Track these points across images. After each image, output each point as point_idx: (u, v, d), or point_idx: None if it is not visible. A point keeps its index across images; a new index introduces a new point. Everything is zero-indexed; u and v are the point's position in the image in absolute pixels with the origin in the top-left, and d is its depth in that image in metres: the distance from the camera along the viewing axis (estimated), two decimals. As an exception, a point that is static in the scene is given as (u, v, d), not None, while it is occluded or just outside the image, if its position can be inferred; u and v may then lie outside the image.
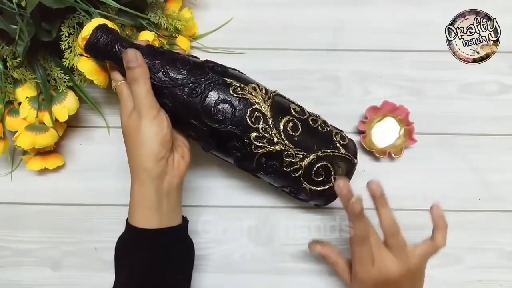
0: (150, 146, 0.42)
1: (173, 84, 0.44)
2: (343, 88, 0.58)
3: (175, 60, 0.45)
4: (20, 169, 0.56)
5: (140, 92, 0.42)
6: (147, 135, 0.42)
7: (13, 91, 0.52)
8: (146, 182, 0.42)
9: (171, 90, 0.44)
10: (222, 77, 0.46)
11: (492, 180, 0.54)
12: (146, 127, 0.42)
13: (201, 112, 0.45)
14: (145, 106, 0.42)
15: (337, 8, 0.59)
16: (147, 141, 0.42)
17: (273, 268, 0.55)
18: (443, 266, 0.54)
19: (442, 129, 0.57)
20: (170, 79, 0.44)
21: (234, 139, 0.46)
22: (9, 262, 0.55)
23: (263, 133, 0.45)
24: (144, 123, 0.42)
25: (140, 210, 0.42)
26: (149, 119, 0.42)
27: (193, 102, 0.44)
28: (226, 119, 0.45)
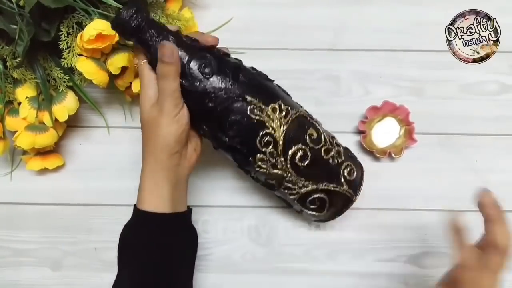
0: (167, 141, 0.42)
1: (192, 88, 0.43)
2: (343, 88, 0.58)
3: (200, 59, 0.43)
4: (20, 169, 0.56)
5: (168, 88, 0.42)
6: (165, 130, 0.42)
7: (13, 91, 0.52)
8: (159, 172, 0.43)
9: (189, 91, 0.43)
10: (244, 94, 0.44)
11: (492, 180, 0.54)
12: (166, 124, 0.42)
13: (214, 122, 0.44)
14: (170, 104, 0.42)
15: (337, 8, 0.59)
16: (164, 136, 0.42)
17: (273, 268, 0.55)
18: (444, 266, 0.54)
19: (442, 129, 0.57)
20: (190, 82, 0.43)
21: (239, 154, 0.46)
22: (9, 262, 0.55)
23: (269, 157, 0.45)
24: (165, 121, 0.42)
25: (151, 197, 0.43)
26: (171, 117, 0.42)
27: (208, 109, 0.43)
28: (236, 136, 0.44)
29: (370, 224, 0.55)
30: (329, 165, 0.47)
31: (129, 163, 0.56)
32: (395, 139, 0.56)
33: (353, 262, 0.55)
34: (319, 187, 0.47)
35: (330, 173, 0.47)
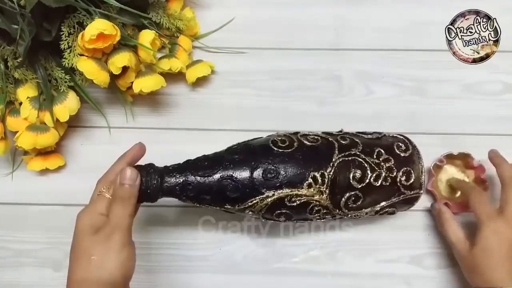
0: (104, 281, 0.38)
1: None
2: (345, 88, 0.58)
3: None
4: (21, 169, 0.56)
5: (121, 215, 0.40)
6: (107, 271, 0.38)
7: (14, 91, 0.52)
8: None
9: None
10: (275, 191, 0.43)
11: (495, 180, 0.54)
12: (109, 263, 0.38)
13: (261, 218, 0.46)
14: (120, 238, 0.39)
15: (339, 8, 0.59)
16: (102, 276, 0.38)
17: (274, 269, 0.55)
18: (446, 267, 0.55)
19: (444, 129, 0.57)
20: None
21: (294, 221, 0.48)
22: (10, 263, 0.55)
23: (324, 215, 0.46)
24: (110, 258, 0.38)
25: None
26: (117, 256, 0.38)
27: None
28: (286, 220, 0.46)
29: (371, 224, 0.55)
30: (384, 186, 0.46)
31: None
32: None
33: (354, 262, 0.54)
34: (381, 206, 0.47)
35: (388, 192, 0.47)
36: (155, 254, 0.54)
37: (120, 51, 0.50)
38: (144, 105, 0.58)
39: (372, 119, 0.57)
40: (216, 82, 0.58)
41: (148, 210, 0.55)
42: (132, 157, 0.44)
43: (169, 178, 0.43)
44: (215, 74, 0.58)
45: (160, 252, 0.55)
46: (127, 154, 0.44)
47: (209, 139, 0.57)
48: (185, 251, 0.55)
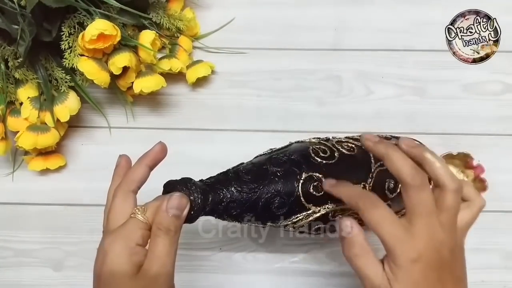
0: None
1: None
2: (345, 88, 0.58)
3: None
4: (22, 169, 0.56)
5: (169, 247, 0.33)
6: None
7: (15, 91, 0.52)
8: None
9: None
10: (321, 207, 0.41)
11: (495, 180, 0.54)
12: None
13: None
14: (168, 268, 0.33)
15: (339, 8, 0.59)
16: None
17: (274, 269, 0.55)
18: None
19: (444, 129, 0.57)
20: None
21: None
22: (11, 263, 0.55)
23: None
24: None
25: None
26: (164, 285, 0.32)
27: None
28: (321, 233, 0.45)
29: (371, 223, 0.55)
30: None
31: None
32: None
33: (355, 262, 0.55)
34: (401, 213, 0.46)
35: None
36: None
37: (120, 51, 0.50)
38: (144, 105, 0.58)
39: (372, 119, 0.57)
40: (216, 82, 0.58)
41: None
42: (153, 159, 0.38)
43: (213, 195, 0.38)
44: (215, 74, 0.58)
45: (160, 252, 0.55)
46: (148, 155, 0.38)
47: (209, 139, 0.57)
48: (185, 251, 0.55)
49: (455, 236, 0.34)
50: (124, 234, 0.33)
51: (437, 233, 0.33)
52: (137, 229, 0.33)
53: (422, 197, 0.32)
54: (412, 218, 0.33)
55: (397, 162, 0.33)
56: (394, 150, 0.34)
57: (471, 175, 0.55)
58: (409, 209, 0.33)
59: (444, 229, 0.33)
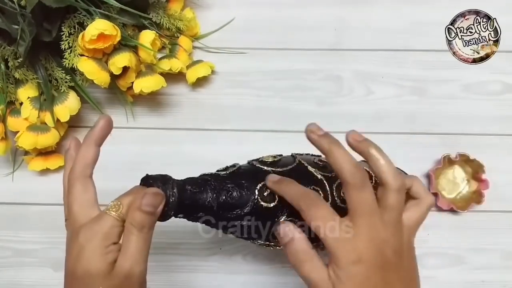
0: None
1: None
2: (345, 88, 0.58)
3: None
4: (22, 169, 0.56)
5: (143, 247, 0.33)
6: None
7: (15, 91, 0.52)
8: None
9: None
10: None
11: (496, 180, 0.54)
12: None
13: None
14: (143, 267, 0.33)
15: (339, 8, 0.59)
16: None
17: (274, 269, 0.55)
18: (446, 267, 0.55)
19: (444, 129, 0.57)
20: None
21: None
22: (11, 263, 0.55)
23: None
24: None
25: None
26: (136, 284, 0.32)
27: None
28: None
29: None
30: None
31: (131, 163, 0.56)
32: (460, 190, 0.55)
33: (355, 261, 0.55)
34: None
35: None
36: (155, 254, 0.54)
37: (120, 51, 0.50)
38: (144, 105, 0.58)
39: (372, 119, 0.57)
40: (216, 82, 0.58)
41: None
42: (101, 137, 0.36)
43: (189, 196, 0.37)
44: (215, 74, 0.58)
45: (160, 252, 0.55)
46: (94, 133, 0.36)
47: (209, 139, 0.57)
48: (185, 251, 0.55)
49: (400, 236, 0.33)
50: (100, 231, 0.32)
51: (379, 233, 0.32)
52: (113, 227, 0.33)
53: (363, 197, 0.32)
54: (354, 218, 0.32)
55: (339, 159, 0.32)
56: (337, 146, 0.32)
57: (474, 187, 0.55)
58: (351, 209, 0.32)
59: (387, 228, 0.32)
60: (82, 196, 0.34)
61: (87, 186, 0.34)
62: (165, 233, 0.55)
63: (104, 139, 0.36)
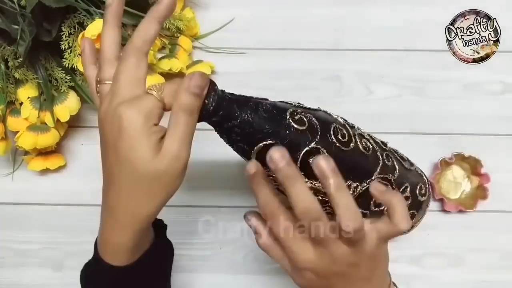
0: (166, 200, 0.34)
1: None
2: (345, 88, 0.58)
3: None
4: (22, 169, 0.56)
5: (192, 126, 0.33)
6: (173, 184, 0.33)
7: (15, 91, 0.52)
8: (128, 228, 0.34)
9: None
10: (308, 179, 0.39)
11: (496, 180, 0.54)
12: (176, 177, 0.33)
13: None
14: (188, 150, 0.32)
15: (339, 8, 0.59)
16: (168, 192, 0.33)
17: (274, 269, 0.55)
18: (446, 267, 0.55)
19: (444, 129, 0.57)
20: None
21: None
22: (11, 263, 0.55)
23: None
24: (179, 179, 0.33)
25: (110, 248, 0.36)
26: (182, 168, 0.33)
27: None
28: None
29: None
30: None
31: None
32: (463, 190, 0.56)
33: (355, 262, 0.55)
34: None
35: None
36: (155, 254, 0.55)
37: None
38: (144, 105, 0.58)
39: (372, 119, 0.57)
40: (216, 82, 0.58)
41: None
42: (165, 15, 0.33)
43: (225, 110, 0.36)
44: (215, 74, 0.58)
45: (160, 252, 0.55)
46: (159, 10, 0.33)
47: (209, 139, 0.57)
48: (185, 251, 0.55)
49: (358, 251, 0.33)
50: (143, 110, 0.31)
51: (330, 265, 0.33)
52: (155, 108, 0.31)
53: (318, 230, 0.32)
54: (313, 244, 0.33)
55: (293, 197, 0.31)
56: (296, 182, 0.31)
57: (476, 182, 0.55)
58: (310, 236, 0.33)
59: (339, 259, 0.33)
60: (133, 71, 0.32)
61: (141, 62, 0.32)
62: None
63: (166, 18, 0.34)
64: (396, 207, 0.33)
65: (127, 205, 0.33)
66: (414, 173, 0.48)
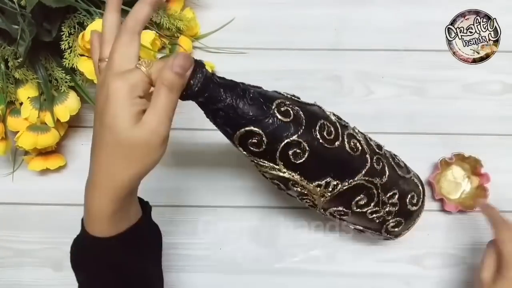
0: (143, 171, 0.35)
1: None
2: (345, 88, 0.58)
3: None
4: (22, 169, 0.56)
5: (173, 104, 0.34)
6: (150, 156, 0.34)
7: (15, 91, 0.52)
8: (106, 194, 0.35)
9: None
10: (287, 171, 0.40)
11: (496, 180, 0.54)
12: (159, 154, 0.35)
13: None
14: (167, 127, 0.34)
15: (339, 8, 0.59)
16: (145, 163, 0.34)
17: (274, 269, 0.55)
18: (446, 267, 0.55)
19: (444, 129, 0.57)
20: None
21: None
22: (11, 263, 0.55)
23: (307, 204, 0.45)
24: (160, 150, 0.34)
25: (91, 217, 0.37)
26: (163, 146, 0.34)
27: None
28: (278, 188, 0.44)
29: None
30: (372, 221, 0.46)
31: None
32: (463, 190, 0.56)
33: (354, 262, 0.54)
34: (356, 227, 0.48)
35: (371, 225, 0.47)
36: (155, 254, 0.55)
37: (120, 51, 0.50)
38: (144, 105, 0.58)
39: (372, 119, 0.57)
40: (216, 82, 0.58)
41: (148, 210, 0.56)
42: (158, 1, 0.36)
43: (211, 92, 0.37)
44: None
45: (160, 252, 0.55)
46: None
47: (209, 139, 0.57)
48: (185, 251, 0.55)
49: None
50: (128, 82, 0.33)
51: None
52: (141, 81, 0.33)
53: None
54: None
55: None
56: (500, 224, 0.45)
57: (476, 182, 0.55)
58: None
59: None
60: (125, 48, 0.35)
61: (133, 41, 0.35)
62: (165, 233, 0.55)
63: (159, 3, 0.37)
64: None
65: (106, 170, 0.35)
66: (409, 181, 0.48)
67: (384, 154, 0.46)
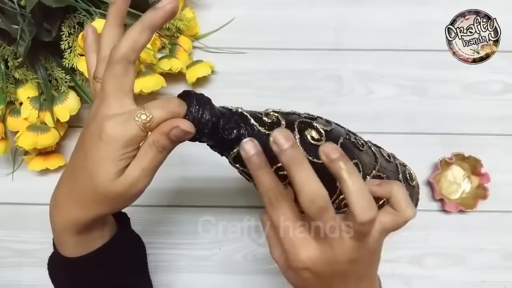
0: (108, 213, 0.35)
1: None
2: (345, 88, 0.58)
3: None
4: (22, 169, 0.56)
5: (151, 164, 0.32)
6: (120, 204, 0.34)
7: (15, 91, 0.52)
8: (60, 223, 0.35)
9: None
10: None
11: (496, 180, 0.54)
12: (127, 200, 0.34)
13: None
14: (146, 176, 0.33)
15: (339, 8, 0.59)
16: (111, 208, 0.34)
17: (274, 269, 0.54)
18: (446, 267, 0.55)
19: (444, 129, 0.57)
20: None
21: None
22: (11, 263, 0.55)
23: None
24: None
25: (62, 243, 0.36)
26: (134, 194, 0.33)
27: None
28: None
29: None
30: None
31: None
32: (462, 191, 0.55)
33: (355, 262, 0.55)
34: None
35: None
36: (155, 254, 0.54)
37: (120, 51, 0.50)
38: (144, 105, 0.58)
39: (372, 119, 0.57)
40: (216, 82, 0.58)
41: (148, 210, 0.55)
42: (160, 22, 0.31)
43: (211, 130, 0.35)
44: (215, 74, 0.58)
45: (160, 252, 0.55)
46: (155, 16, 0.31)
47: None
48: (185, 251, 0.55)
49: (360, 246, 0.32)
50: (122, 138, 0.31)
51: (334, 256, 0.32)
52: (136, 137, 0.31)
53: (324, 220, 0.31)
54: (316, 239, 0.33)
55: (299, 184, 0.30)
56: (302, 166, 0.30)
57: (476, 182, 0.55)
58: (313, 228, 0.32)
59: (344, 252, 0.32)
60: (120, 79, 0.31)
61: (128, 71, 0.31)
62: (165, 233, 0.55)
63: (161, 27, 0.32)
64: (398, 195, 0.32)
65: (68, 202, 0.34)
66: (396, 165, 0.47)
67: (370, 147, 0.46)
